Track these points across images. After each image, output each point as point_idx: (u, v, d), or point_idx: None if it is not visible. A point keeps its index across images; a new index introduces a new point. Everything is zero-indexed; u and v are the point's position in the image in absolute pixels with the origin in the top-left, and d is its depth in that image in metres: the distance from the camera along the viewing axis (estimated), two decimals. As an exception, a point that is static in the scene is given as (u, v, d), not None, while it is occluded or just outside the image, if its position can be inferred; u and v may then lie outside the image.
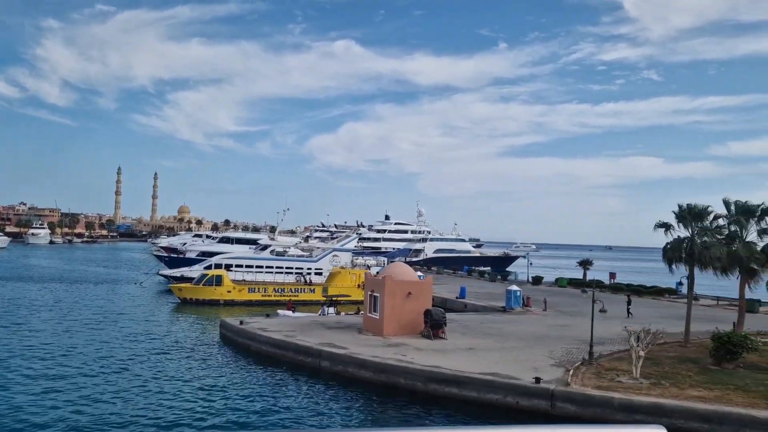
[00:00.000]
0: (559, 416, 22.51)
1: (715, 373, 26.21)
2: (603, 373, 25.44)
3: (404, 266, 37.23)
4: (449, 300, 55.35)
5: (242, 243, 73.74)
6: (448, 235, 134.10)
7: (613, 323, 41.09)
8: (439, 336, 32.34)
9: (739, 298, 31.54)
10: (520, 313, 46.28)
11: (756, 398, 22.16)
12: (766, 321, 44.39)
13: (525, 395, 23.05)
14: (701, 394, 22.51)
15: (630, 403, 21.52)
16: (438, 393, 24.57)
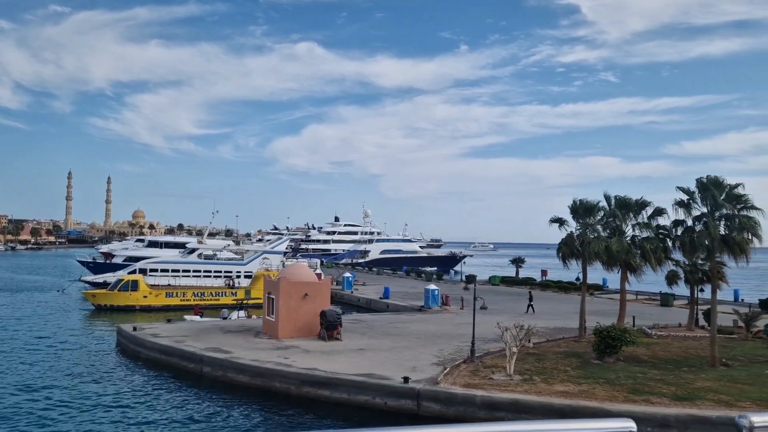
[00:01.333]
0: (426, 416, 22.21)
1: (593, 367, 26.35)
2: (480, 371, 25.29)
3: (302, 267, 36.60)
4: (373, 300, 55.04)
5: (171, 247, 71.92)
6: (396, 236, 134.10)
7: (517, 320, 41.37)
8: (334, 337, 31.79)
9: (621, 291, 31.87)
10: (436, 312, 46.16)
11: (619, 391, 22.27)
12: (679, 315, 45.17)
13: (393, 396, 22.68)
14: (567, 389, 22.51)
15: (491, 401, 21.36)
16: (311, 396, 24.02)
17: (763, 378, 24.75)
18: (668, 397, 21.66)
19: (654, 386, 23.10)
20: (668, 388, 22.96)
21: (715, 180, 26.05)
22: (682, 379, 24.31)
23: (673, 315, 45.58)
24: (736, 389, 22.89)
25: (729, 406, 20.84)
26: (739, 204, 26.27)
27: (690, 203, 26.55)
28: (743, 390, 22.79)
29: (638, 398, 21.44)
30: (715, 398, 21.63)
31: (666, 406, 20.67)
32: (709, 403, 21.13)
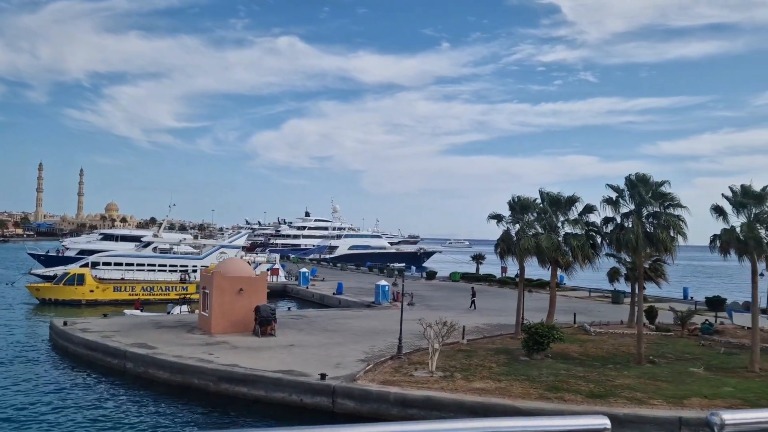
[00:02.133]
0: (341, 413, 21.87)
1: (520, 364, 26.25)
2: (404, 368, 25.02)
3: (239, 261, 36.02)
4: (326, 296, 54.65)
5: (127, 240, 70.62)
6: (365, 232, 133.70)
7: (461, 316, 41.34)
8: (268, 333, 31.31)
9: (550, 288, 31.88)
10: (384, 308, 45.91)
11: (536, 389, 22.16)
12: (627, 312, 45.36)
13: (309, 393, 22.30)
14: (485, 386, 22.35)
15: (404, 398, 21.11)
16: (229, 393, 23.53)
17: (684, 375, 24.89)
18: (583, 395, 21.62)
19: (573, 383, 23.05)
20: (587, 385, 22.94)
21: (643, 177, 26.08)
22: (604, 377, 24.32)
23: (623, 312, 45.84)
24: (654, 386, 22.94)
25: (640, 404, 20.86)
26: (665, 202, 26.35)
27: (618, 200, 26.55)
28: (660, 387, 22.85)
29: (552, 396, 21.36)
30: (630, 395, 21.64)
31: (577, 404, 20.61)
32: (622, 400, 21.13)
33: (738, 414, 1.83)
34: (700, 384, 23.51)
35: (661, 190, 25.93)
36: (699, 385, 23.38)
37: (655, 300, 55.80)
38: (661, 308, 43.09)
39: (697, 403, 20.93)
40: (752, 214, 25.95)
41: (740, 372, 25.69)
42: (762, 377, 24.83)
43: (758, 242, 24.91)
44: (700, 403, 20.98)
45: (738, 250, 25.61)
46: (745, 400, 21.42)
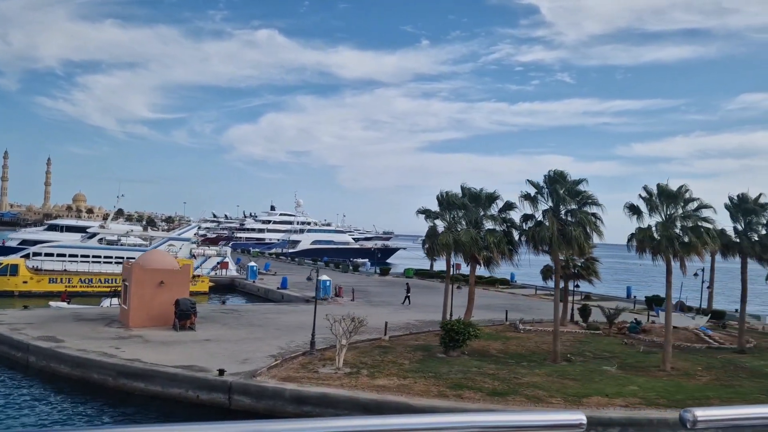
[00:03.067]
0: (237, 410, 21.25)
1: (434, 361, 25.94)
2: (313, 363, 24.51)
3: (162, 254, 35.13)
4: (271, 290, 53.96)
5: (72, 231, 68.75)
6: (328, 227, 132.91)
7: (396, 312, 41.12)
8: (187, 327, 30.52)
9: (469, 285, 31.67)
10: (325, 303, 45.25)
11: (438, 386, 21.85)
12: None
13: (205, 389, 21.67)
14: (387, 383, 21.96)
15: (299, 395, 20.63)
16: (127, 388, 22.75)
17: (595, 374, 24.83)
18: (484, 392, 21.36)
19: (480, 381, 22.81)
20: (492, 383, 22.70)
21: (560, 174, 25.92)
22: (514, 374, 24.12)
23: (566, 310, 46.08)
24: (560, 384, 22.81)
25: (537, 401, 20.69)
26: (583, 200, 26.23)
27: (537, 197, 26.35)
28: (565, 385, 22.72)
29: (451, 393, 21.06)
30: (531, 394, 21.46)
31: (474, 402, 20.34)
32: (521, 398, 20.93)
33: (710, 411, 1.84)
34: (606, 383, 23.45)
35: (578, 188, 25.79)
36: (605, 383, 23.32)
37: (600, 298, 56.29)
38: (607, 307, 43.42)
39: (595, 402, 20.83)
40: (668, 214, 26.01)
41: (652, 371, 25.73)
42: (671, 376, 24.90)
43: (670, 241, 24.92)
44: (598, 401, 20.89)
45: (652, 249, 25.61)
46: (645, 399, 21.40)
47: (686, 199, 25.72)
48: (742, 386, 23.74)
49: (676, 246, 24.96)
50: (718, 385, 23.90)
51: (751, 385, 24.04)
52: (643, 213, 26.42)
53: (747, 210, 29.82)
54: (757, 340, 34.24)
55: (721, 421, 1.88)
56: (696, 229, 24.99)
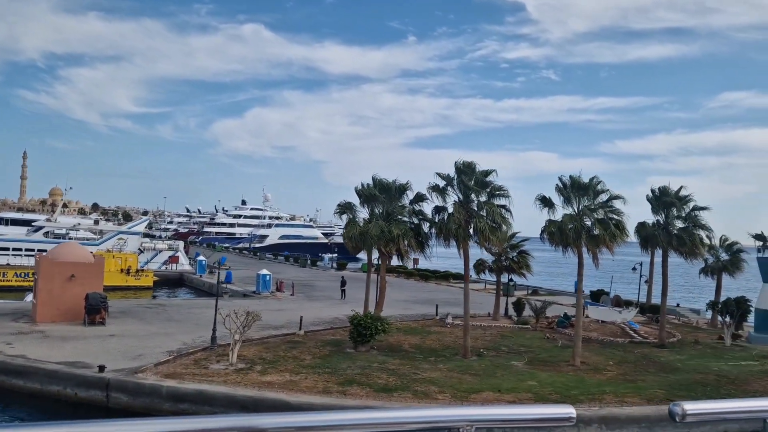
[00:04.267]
0: (115, 408, 20.42)
1: (339, 356, 25.29)
2: (208, 359, 23.74)
3: (75, 247, 34.09)
4: (214, 285, 52.78)
5: (18, 224, 67.09)
6: (296, 222, 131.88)
7: (335, 306, 40.45)
8: (96, 322, 29.57)
9: (381, 279, 31.02)
10: (263, 297, 44.57)
11: (328, 382, 21.20)
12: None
13: (83, 386, 20.82)
14: (277, 379, 21.27)
15: (176, 392, 19.87)
16: (6, 385, 21.78)
17: (499, 369, 24.33)
18: (373, 388, 20.74)
19: (375, 377, 22.18)
20: (387, 378, 22.10)
21: (468, 165, 25.32)
22: (415, 370, 23.54)
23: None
24: (457, 380, 22.28)
25: (423, 397, 20.12)
26: (494, 191, 25.68)
27: (446, 189, 25.75)
28: (462, 381, 22.20)
29: (338, 390, 20.42)
30: (422, 389, 20.89)
31: (359, 398, 19.72)
32: (409, 394, 20.36)
33: (698, 404, 1.91)
34: (507, 378, 22.97)
35: (486, 179, 25.21)
36: (505, 379, 22.83)
37: (548, 293, 56.13)
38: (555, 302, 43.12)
39: (483, 397, 20.31)
40: (580, 206, 25.55)
41: (561, 366, 25.30)
42: (577, 371, 24.47)
43: (578, 234, 24.47)
44: (486, 397, 20.38)
45: (561, 241, 25.15)
46: (537, 394, 20.94)
47: (596, 191, 25.27)
48: (645, 381, 23.36)
49: (583, 238, 24.52)
50: (621, 380, 23.50)
51: (655, 379, 23.67)
52: (557, 205, 25.96)
53: (666, 203, 29.50)
54: (686, 334, 34.03)
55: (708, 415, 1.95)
56: (604, 222, 24.54)
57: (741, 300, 31.62)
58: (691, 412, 1.86)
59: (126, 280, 53.75)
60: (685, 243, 28.69)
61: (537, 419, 1.85)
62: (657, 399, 20.96)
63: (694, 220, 29.46)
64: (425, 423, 1.73)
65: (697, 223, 29.42)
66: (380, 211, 27.63)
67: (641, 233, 30.04)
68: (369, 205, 29.21)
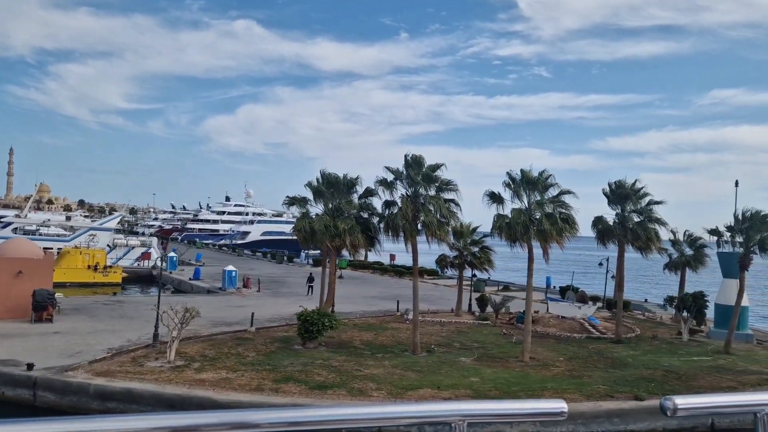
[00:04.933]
0: (42, 407, 19.90)
1: (283, 353, 24.87)
2: (147, 357, 23.26)
3: (24, 242, 33.49)
4: (183, 282, 52.41)
5: (-12, 220, 66.35)
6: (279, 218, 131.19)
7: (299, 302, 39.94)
8: (44, 318, 28.99)
9: (330, 274, 30.58)
10: (227, 294, 44.08)
11: (264, 379, 20.82)
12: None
13: (10, 384, 20.29)
14: (210, 377, 20.84)
15: (103, 390, 19.38)
16: (-66, 385, 21.19)
17: (446, 365, 24.01)
18: (309, 386, 20.36)
19: (314, 374, 21.80)
20: (327, 375, 21.74)
21: (417, 159, 24.92)
22: (359, 366, 23.18)
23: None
24: (398, 377, 21.96)
25: (358, 394, 19.77)
26: (443, 186, 25.31)
27: (395, 183, 25.36)
28: (404, 377, 21.90)
29: (271, 387, 20.02)
30: (359, 386, 20.55)
31: (290, 396, 19.33)
32: (344, 391, 19.99)
33: (689, 399, 1.91)
34: (450, 374, 22.64)
35: (434, 174, 24.83)
36: (448, 375, 22.50)
37: (519, 289, 55.85)
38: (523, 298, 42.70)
39: (419, 394, 19.98)
40: (530, 201, 25.22)
41: (511, 362, 25.00)
42: (525, 367, 24.19)
43: (526, 228, 24.14)
44: (423, 394, 20.05)
45: (509, 236, 24.82)
46: (477, 391, 20.64)
47: (545, 185, 24.94)
48: (591, 377, 23.11)
49: (531, 233, 24.20)
50: (567, 375, 23.25)
51: (601, 375, 23.42)
52: (506, 201, 25.63)
53: (622, 196, 29.24)
54: (646, 330, 33.85)
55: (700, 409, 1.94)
56: (551, 216, 24.22)
57: (698, 295, 31.44)
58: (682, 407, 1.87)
59: (93, 277, 53.06)
60: (639, 237, 28.45)
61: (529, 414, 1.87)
62: (597, 395, 20.74)
63: (649, 213, 29.22)
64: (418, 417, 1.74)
65: (651, 216, 29.17)
66: (330, 206, 27.16)
67: (597, 227, 29.77)
68: (319, 199, 28.75)
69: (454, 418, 1.75)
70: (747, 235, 27.75)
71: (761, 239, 26.79)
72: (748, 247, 28.02)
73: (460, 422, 1.76)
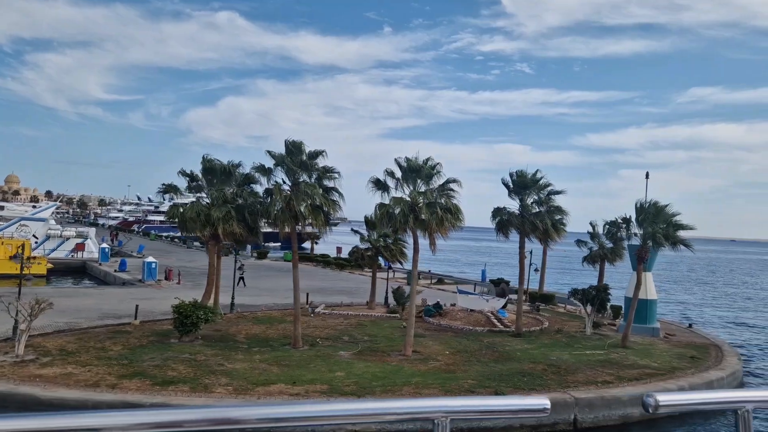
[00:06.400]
0: None
1: (153, 347, 23.78)
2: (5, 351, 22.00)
3: None
4: (109, 273, 51.08)
5: None
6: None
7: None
8: None
9: (209, 266, 29.50)
10: (145, 285, 42.81)
11: (109, 375, 19.69)
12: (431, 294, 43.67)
13: None
14: (50, 373, 19.70)
15: (-77, 386, 18.09)
16: None
17: (319, 360, 23.12)
18: (154, 381, 19.32)
19: (169, 369, 20.78)
20: (183, 370, 20.72)
21: (296, 145, 23.91)
22: (225, 360, 22.23)
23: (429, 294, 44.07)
24: (260, 371, 21.06)
25: (203, 390, 18.78)
26: (323, 174, 24.36)
27: (273, 170, 24.32)
28: (266, 372, 21.04)
29: (112, 383, 18.92)
30: (210, 381, 19.62)
31: (128, 392, 18.25)
32: (186, 387, 18.96)
33: (670, 396, 1.93)
34: (318, 369, 21.75)
35: (314, 161, 23.84)
36: (315, 370, 21.61)
37: (454, 282, 55.20)
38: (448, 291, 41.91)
39: (267, 390, 19.07)
40: (414, 190, 24.36)
41: (392, 356, 24.19)
42: (404, 361, 23.40)
43: (405, 218, 23.28)
44: (272, 389, 19.14)
45: (390, 225, 23.98)
46: (331, 386, 19.78)
47: (428, 174, 24.08)
48: (466, 372, 22.37)
49: (410, 222, 23.35)
50: (442, 370, 22.47)
51: (478, 369, 22.71)
52: (391, 188, 24.75)
53: (522, 186, 28.54)
54: (557, 323, 33.29)
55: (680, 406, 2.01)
56: (431, 206, 23.38)
57: (601, 288, 30.92)
58: (664, 404, 1.89)
59: (16, 268, 51.26)
60: (537, 227, 27.79)
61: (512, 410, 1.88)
62: (459, 390, 20.00)
63: (549, 203, 28.56)
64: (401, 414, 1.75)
65: (551, 206, 28.52)
66: (212, 193, 26.05)
67: (496, 217, 29.06)
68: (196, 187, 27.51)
69: (437, 415, 1.76)
70: (643, 227, 27.24)
71: (652, 232, 26.26)
72: (646, 240, 27.51)
73: (443, 419, 1.77)
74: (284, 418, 1.62)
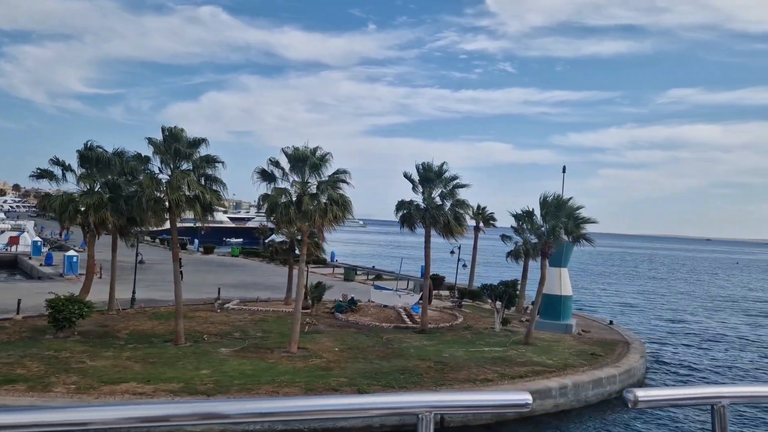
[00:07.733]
0: None
1: (23, 343, 22.63)
2: None
3: None
4: (35, 268, 49.48)
5: None
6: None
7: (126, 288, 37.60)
8: None
9: (88, 257, 28.40)
10: (64, 280, 41.35)
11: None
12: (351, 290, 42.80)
13: None
14: None
15: None
16: None
17: (194, 357, 22.13)
18: (-6, 380, 18.14)
19: (25, 366, 19.69)
20: (35, 368, 19.58)
21: (174, 133, 22.82)
22: (88, 358, 21.13)
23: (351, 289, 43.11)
24: (119, 368, 20.04)
25: (41, 390, 17.65)
26: (202, 163, 23.33)
27: (152, 158, 23.23)
28: (124, 369, 20.03)
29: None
30: (54, 380, 18.48)
31: (-45, 391, 17.11)
32: (23, 386, 17.83)
33: (649, 391, 1.97)
34: (184, 367, 20.74)
35: (190, 150, 22.78)
36: (182, 368, 20.61)
37: (395, 278, 54.40)
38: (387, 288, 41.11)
39: (111, 389, 17.99)
40: (304, 181, 23.43)
41: (276, 353, 23.24)
42: (283, 359, 22.47)
43: (287, 209, 22.34)
44: (116, 389, 18.06)
45: (273, 216, 23.03)
46: (186, 383, 18.78)
47: (315, 164, 23.15)
48: (345, 369, 21.51)
49: (292, 214, 22.42)
50: (320, 368, 21.58)
51: (360, 367, 21.85)
52: (278, 179, 23.80)
53: (427, 179, 27.75)
54: (471, 320, 32.59)
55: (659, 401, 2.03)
56: (314, 197, 22.48)
57: (509, 284, 30.29)
58: (643, 399, 1.92)
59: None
60: (438, 221, 27.03)
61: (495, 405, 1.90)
62: (324, 388, 19.13)
63: (454, 197, 27.81)
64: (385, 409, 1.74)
65: (455, 200, 27.78)
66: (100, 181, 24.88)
67: (400, 211, 28.24)
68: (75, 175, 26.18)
69: (421, 410, 1.75)
70: (546, 221, 26.62)
71: (552, 227, 25.63)
72: (549, 235, 26.90)
73: (427, 413, 1.76)
74: (270, 413, 1.65)
